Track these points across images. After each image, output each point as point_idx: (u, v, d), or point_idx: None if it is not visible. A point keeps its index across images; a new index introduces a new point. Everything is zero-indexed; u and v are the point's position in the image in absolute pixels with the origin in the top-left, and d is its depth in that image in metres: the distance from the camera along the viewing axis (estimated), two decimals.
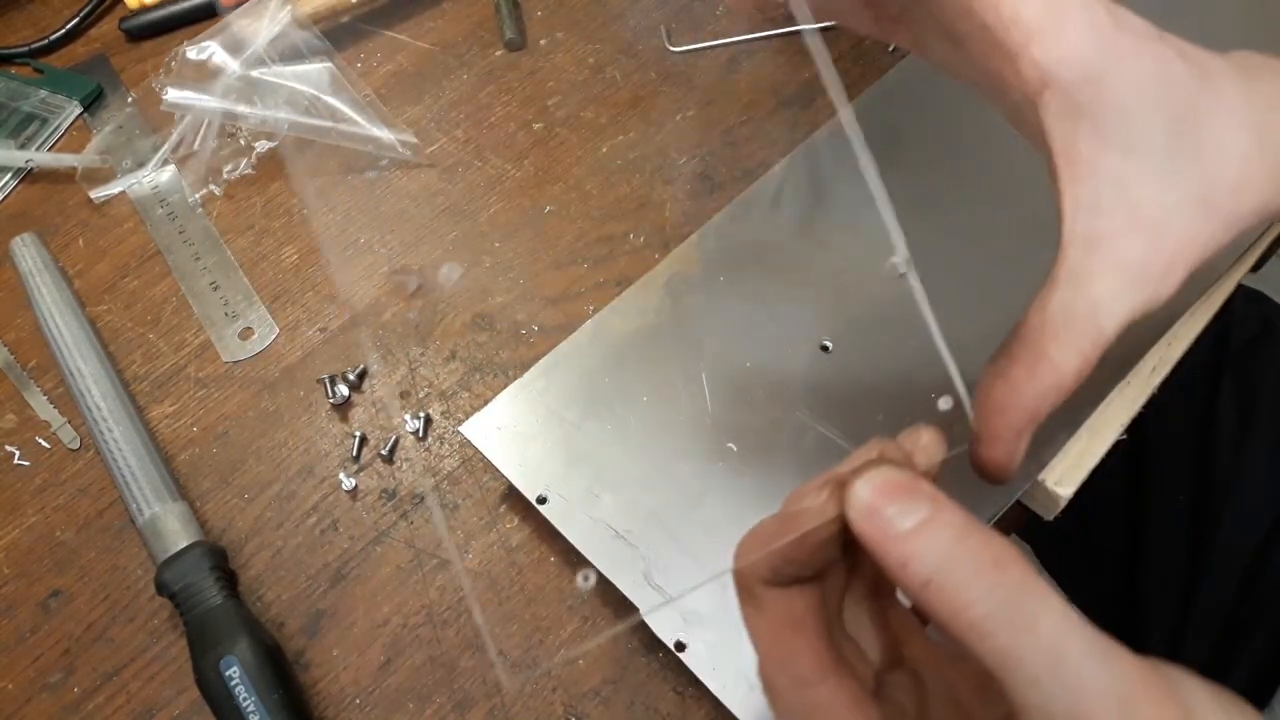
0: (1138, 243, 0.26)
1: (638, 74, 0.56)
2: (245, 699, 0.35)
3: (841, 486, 0.23)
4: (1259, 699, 0.51)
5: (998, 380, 0.27)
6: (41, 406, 0.47)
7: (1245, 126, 0.27)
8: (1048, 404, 0.27)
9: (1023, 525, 0.42)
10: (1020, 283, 0.30)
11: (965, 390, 0.28)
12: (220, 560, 0.40)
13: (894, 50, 0.56)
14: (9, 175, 0.55)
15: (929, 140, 0.49)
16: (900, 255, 0.26)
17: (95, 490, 0.45)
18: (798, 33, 0.57)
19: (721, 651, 0.36)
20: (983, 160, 0.48)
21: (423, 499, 0.43)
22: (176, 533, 0.40)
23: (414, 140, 0.54)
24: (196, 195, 0.53)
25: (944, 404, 0.27)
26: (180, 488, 0.43)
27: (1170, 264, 0.27)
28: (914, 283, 0.27)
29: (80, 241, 0.52)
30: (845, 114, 0.24)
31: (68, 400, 0.46)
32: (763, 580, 0.24)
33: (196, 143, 0.53)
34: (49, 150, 0.56)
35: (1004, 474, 0.28)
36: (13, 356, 0.49)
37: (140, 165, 0.54)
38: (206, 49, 0.53)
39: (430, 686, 0.39)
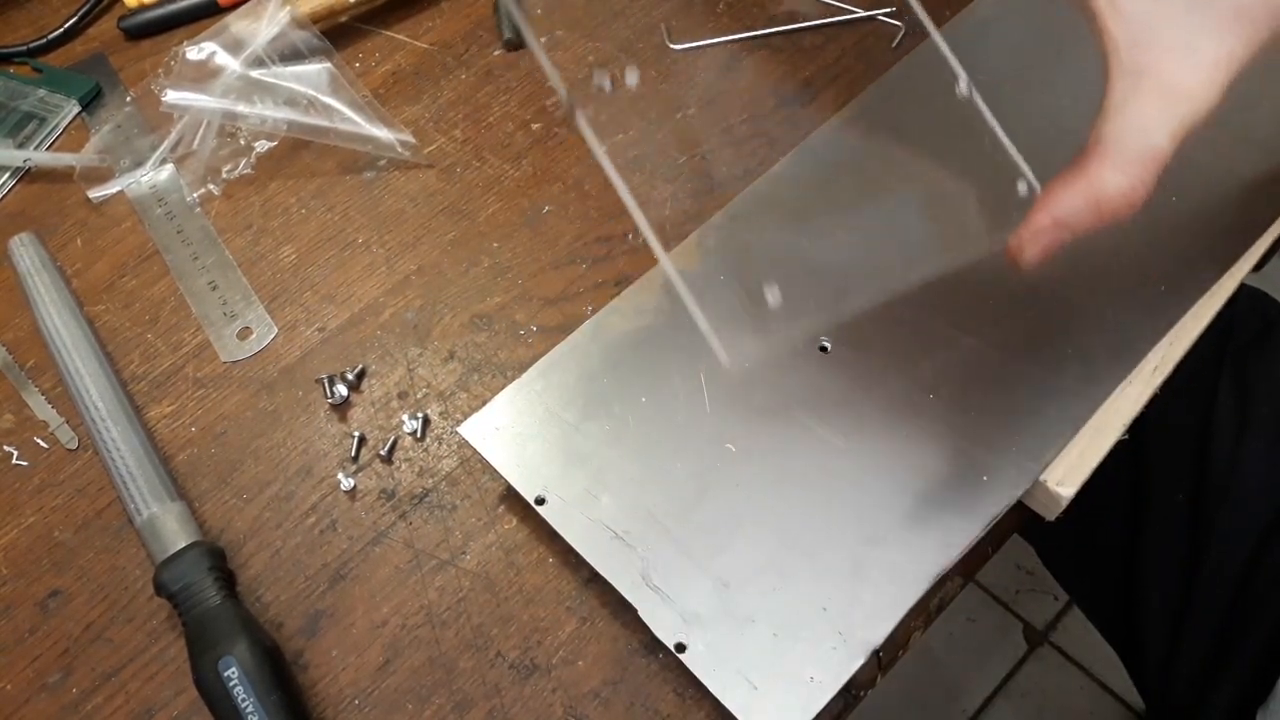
0: (1174, 67, 0.30)
1: (637, 72, 0.56)
2: (244, 699, 0.35)
3: None
4: (1257, 696, 0.51)
5: (1052, 192, 0.32)
6: (39, 406, 0.47)
7: None
8: (1086, 221, 0.31)
9: (1023, 525, 0.41)
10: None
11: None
12: (219, 560, 0.40)
13: (897, 46, 0.56)
14: (7, 175, 0.55)
15: (931, 137, 0.49)
16: (963, 81, 0.33)
17: (93, 490, 0.44)
18: (798, 31, 0.57)
19: (721, 652, 0.36)
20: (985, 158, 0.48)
21: (421, 499, 0.43)
22: (175, 533, 0.40)
23: (412, 140, 0.54)
24: (195, 195, 0.53)
25: (1021, 188, 0.34)
26: (178, 488, 0.43)
27: (1209, 78, 0.30)
28: (979, 103, 0.33)
29: (78, 241, 0.52)
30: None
31: (66, 400, 0.46)
32: None
33: (195, 142, 0.53)
34: (47, 149, 0.56)
35: (1019, 260, 0.34)
36: (11, 356, 0.49)
37: (139, 165, 0.54)
38: (206, 49, 0.53)
39: (429, 687, 0.39)
